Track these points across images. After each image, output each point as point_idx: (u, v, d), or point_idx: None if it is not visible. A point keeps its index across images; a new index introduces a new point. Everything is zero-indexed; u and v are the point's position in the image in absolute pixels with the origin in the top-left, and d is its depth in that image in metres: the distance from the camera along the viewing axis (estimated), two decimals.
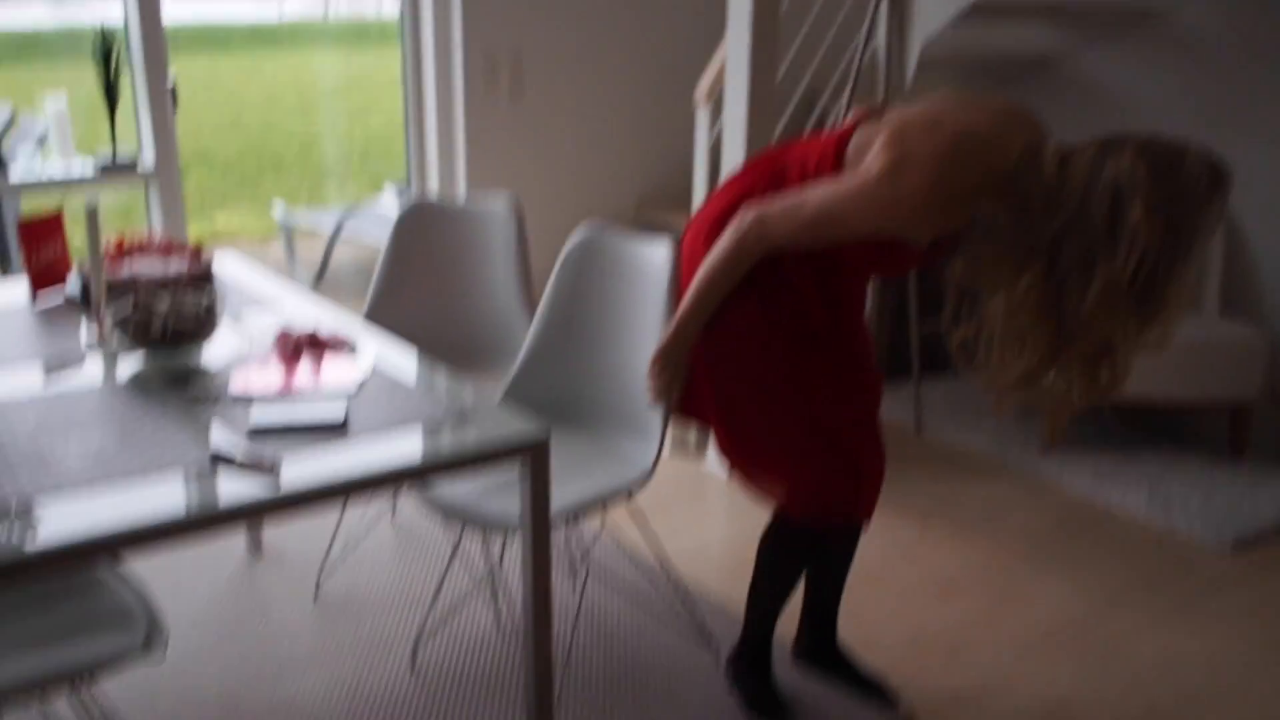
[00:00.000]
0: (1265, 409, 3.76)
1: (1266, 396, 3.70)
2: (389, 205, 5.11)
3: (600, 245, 2.51)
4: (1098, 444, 3.89)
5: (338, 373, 2.05)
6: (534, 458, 1.79)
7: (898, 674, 2.53)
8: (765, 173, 2.07)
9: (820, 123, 3.94)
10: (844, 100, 3.62)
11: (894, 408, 4.04)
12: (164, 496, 1.55)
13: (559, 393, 2.54)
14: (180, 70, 3.80)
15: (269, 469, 1.62)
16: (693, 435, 3.71)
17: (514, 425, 1.82)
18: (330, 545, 2.99)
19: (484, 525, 2.18)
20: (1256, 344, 3.63)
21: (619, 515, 3.20)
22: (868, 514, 2.24)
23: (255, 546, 2.99)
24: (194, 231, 6.13)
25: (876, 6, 3.47)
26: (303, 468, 1.64)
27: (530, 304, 2.85)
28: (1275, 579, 3.05)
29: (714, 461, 3.59)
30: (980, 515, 3.36)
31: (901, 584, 2.95)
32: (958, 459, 3.74)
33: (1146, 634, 2.75)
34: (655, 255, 2.37)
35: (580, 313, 2.53)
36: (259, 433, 1.76)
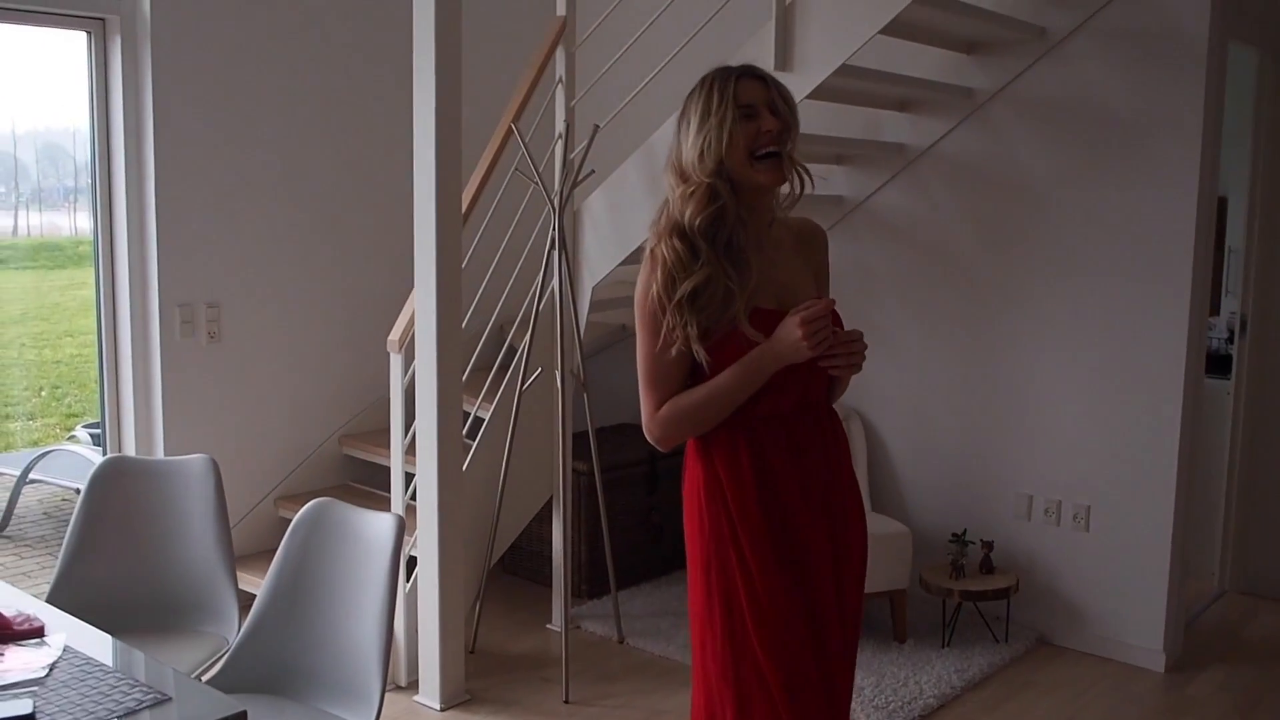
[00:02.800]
0: (916, 595, 4.27)
1: (916, 582, 4.21)
2: (81, 448, 4.99)
3: (327, 518, 2.60)
4: None
5: (24, 660, 2.04)
6: None
7: None
8: None
9: (510, 353, 4.24)
10: (527, 339, 3.95)
11: (596, 622, 4.27)
12: None
13: (282, 661, 2.56)
14: None
15: None
16: (404, 671, 3.75)
17: (211, 705, 1.89)
18: None
19: None
20: (903, 538, 4.16)
21: None
22: None
23: None
24: None
25: (548, 254, 3.87)
26: None
27: (231, 561, 2.90)
28: None
29: (426, 693, 3.65)
30: None
31: None
32: (660, 668, 3.96)
33: None
34: (380, 527, 2.50)
35: (305, 582, 2.58)
36: None
